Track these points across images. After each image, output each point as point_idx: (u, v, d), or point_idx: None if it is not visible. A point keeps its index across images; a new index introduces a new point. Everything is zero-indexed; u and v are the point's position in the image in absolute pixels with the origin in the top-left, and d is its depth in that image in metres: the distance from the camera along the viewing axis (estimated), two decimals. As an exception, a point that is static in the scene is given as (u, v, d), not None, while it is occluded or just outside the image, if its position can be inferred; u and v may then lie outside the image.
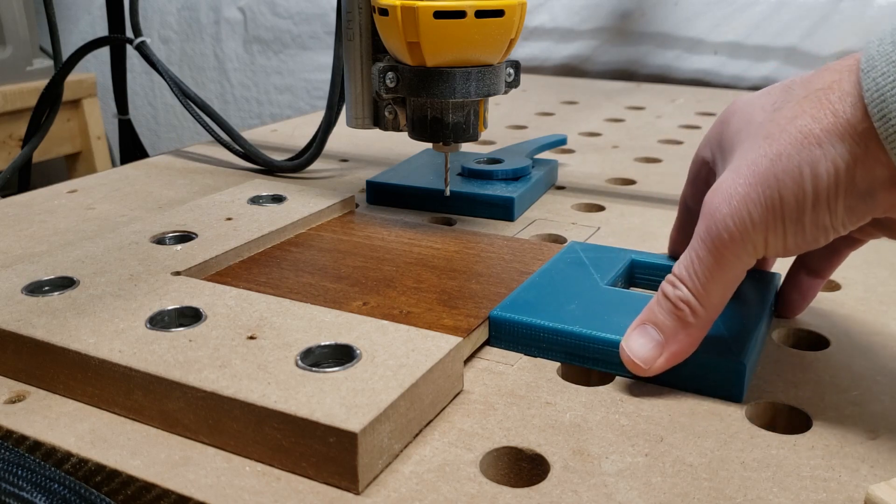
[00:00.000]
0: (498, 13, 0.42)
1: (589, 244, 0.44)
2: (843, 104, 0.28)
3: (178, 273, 0.38)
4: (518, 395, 0.32)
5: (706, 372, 0.32)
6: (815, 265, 0.38)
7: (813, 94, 0.29)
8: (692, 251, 0.31)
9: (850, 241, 0.36)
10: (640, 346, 0.32)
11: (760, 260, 0.40)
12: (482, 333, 0.36)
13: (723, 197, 0.30)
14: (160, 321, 0.33)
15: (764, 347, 0.36)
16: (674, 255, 0.42)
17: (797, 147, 0.28)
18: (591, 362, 0.34)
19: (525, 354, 0.36)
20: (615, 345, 0.33)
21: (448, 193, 0.51)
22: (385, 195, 0.55)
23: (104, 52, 0.85)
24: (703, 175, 0.38)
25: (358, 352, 0.30)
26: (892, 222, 0.33)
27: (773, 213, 0.29)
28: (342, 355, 0.31)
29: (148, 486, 0.27)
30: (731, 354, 0.32)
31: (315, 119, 0.65)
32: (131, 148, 0.91)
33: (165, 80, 0.67)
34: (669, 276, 0.32)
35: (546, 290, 0.38)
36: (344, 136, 0.72)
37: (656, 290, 0.33)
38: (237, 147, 0.66)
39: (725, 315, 0.35)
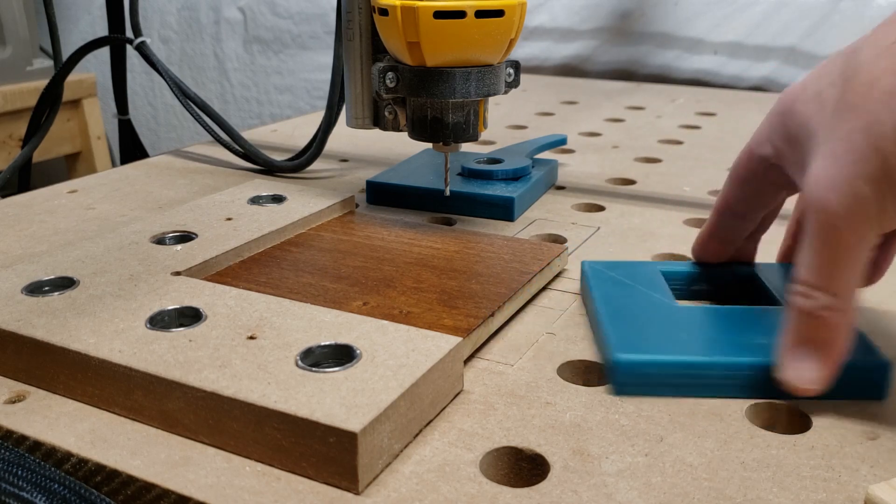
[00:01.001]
0: (498, 13, 0.42)
1: (604, 262, 0.41)
2: None
3: (178, 273, 0.38)
4: (518, 395, 0.32)
5: (851, 375, 0.31)
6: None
7: (884, 51, 0.28)
8: (813, 253, 0.29)
9: None
10: (804, 369, 0.30)
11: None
12: (482, 333, 0.36)
13: (828, 187, 0.28)
14: (160, 321, 0.33)
15: None
16: (699, 259, 0.41)
17: (888, 109, 0.27)
18: (728, 390, 0.32)
19: (653, 396, 0.32)
20: (763, 367, 0.31)
21: (448, 193, 0.51)
22: (385, 195, 0.55)
23: (104, 52, 0.85)
24: (760, 173, 0.36)
25: (358, 352, 0.30)
26: None
27: (888, 184, 0.27)
28: (342, 355, 0.31)
29: (148, 486, 0.27)
30: (871, 354, 0.31)
31: (315, 119, 0.65)
32: (131, 148, 0.91)
33: (165, 80, 0.67)
34: (799, 288, 0.30)
35: (632, 321, 0.35)
36: (344, 136, 0.72)
37: (687, 298, 0.32)
38: (237, 147, 0.66)
39: None
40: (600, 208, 0.56)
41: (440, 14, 0.41)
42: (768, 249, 0.41)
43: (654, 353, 0.32)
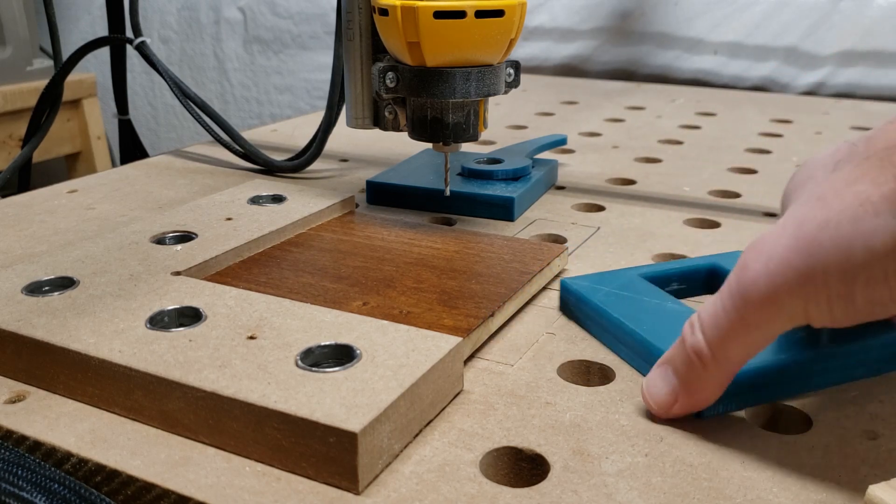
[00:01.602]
0: (498, 13, 0.42)
1: (586, 276, 0.40)
2: None
3: (178, 273, 0.38)
4: (518, 395, 0.32)
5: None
6: None
7: (875, 154, 0.26)
8: (719, 300, 0.28)
9: None
10: (658, 389, 0.30)
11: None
12: (482, 333, 0.36)
13: (760, 254, 0.27)
14: (160, 321, 0.33)
15: None
16: None
17: (850, 216, 0.25)
18: (795, 387, 0.32)
19: (732, 409, 0.31)
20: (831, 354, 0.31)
21: (448, 193, 0.51)
22: (385, 195, 0.55)
23: (104, 52, 0.85)
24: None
25: (358, 352, 0.30)
26: None
27: (814, 284, 0.25)
28: (342, 355, 0.31)
29: (148, 486, 0.27)
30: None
31: (315, 119, 0.65)
32: (131, 148, 0.91)
33: (165, 80, 0.67)
34: (692, 317, 0.29)
35: (670, 332, 0.33)
36: (344, 136, 0.72)
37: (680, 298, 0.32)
38: (237, 147, 0.66)
39: None
40: (600, 208, 0.56)
41: (440, 14, 0.41)
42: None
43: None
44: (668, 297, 0.37)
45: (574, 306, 0.39)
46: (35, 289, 0.36)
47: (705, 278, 0.41)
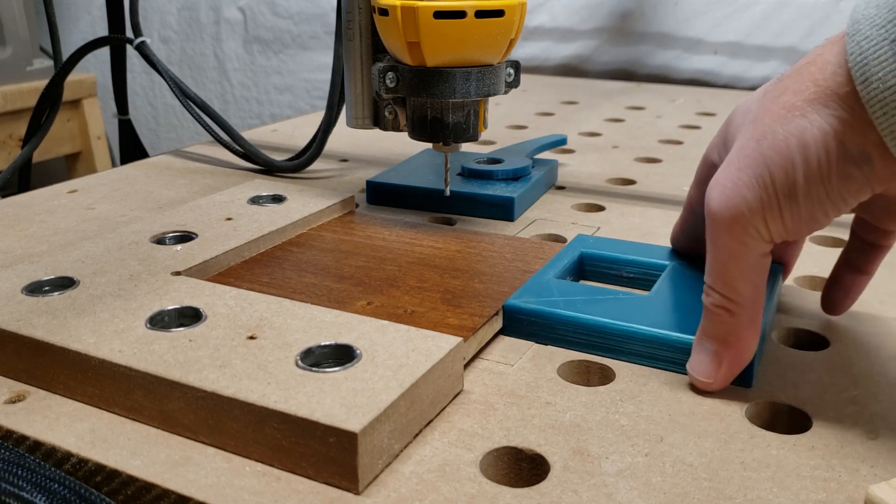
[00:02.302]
0: (498, 13, 0.42)
1: (519, 294, 0.38)
2: (824, 73, 0.27)
3: (178, 273, 0.38)
4: (518, 395, 0.32)
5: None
6: (856, 261, 0.37)
7: (795, 70, 0.29)
8: (708, 254, 0.31)
9: (886, 234, 0.36)
10: (701, 361, 0.32)
11: (784, 250, 0.39)
12: (487, 332, 0.36)
13: (717, 189, 0.30)
14: (160, 321, 0.33)
15: (768, 340, 0.36)
16: (674, 247, 0.42)
17: (781, 122, 0.28)
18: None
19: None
20: None
21: (448, 193, 0.51)
22: (385, 195, 0.55)
23: (104, 52, 0.85)
24: (709, 178, 0.37)
25: (358, 352, 0.30)
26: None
27: (766, 192, 0.28)
28: (342, 355, 0.31)
29: (148, 486, 0.27)
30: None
31: (315, 119, 0.65)
32: (131, 148, 0.91)
33: (165, 80, 0.67)
34: (705, 286, 0.32)
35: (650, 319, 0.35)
36: (344, 136, 0.72)
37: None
38: (237, 147, 0.66)
39: None
40: (600, 208, 0.56)
41: (440, 14, 0.41)
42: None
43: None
44: (615, 290, 0.39)
45: (525, 327, 0.37)
46: (35, 289, 0.36)
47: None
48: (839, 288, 0.38)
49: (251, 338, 0.32)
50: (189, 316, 0.34)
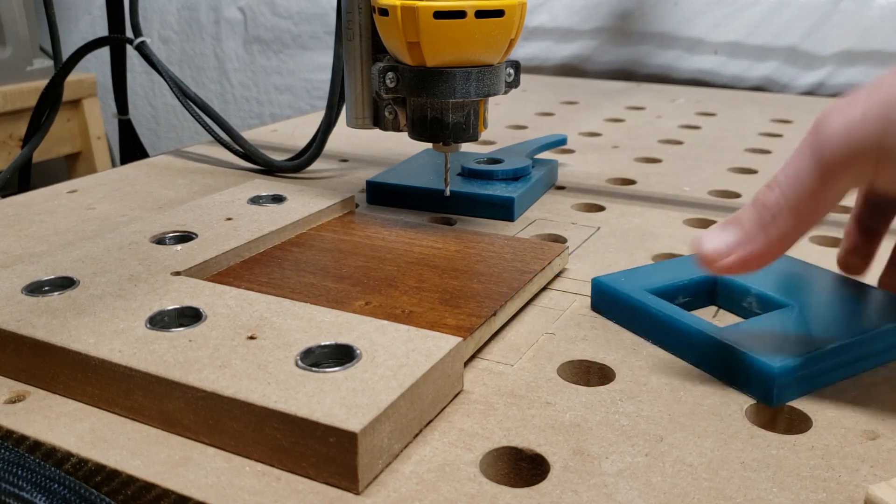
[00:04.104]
0: (498, 13, 0.42)
1: (613, 274, 0.40)
2: None
3: (178, 273, 0.38)
4: (518, 395, 0.32)
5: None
6: (868, 221, 0.37)
7: None
8: (797, 160, 0.29)
9: None
10: (716, 239, 0.31)
11: (872, 230, 0.38)
12: (485, 332, 0.36)
13: (837, 115, 0.28)
14: (160, 321, 0.33)
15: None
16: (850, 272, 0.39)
17: None
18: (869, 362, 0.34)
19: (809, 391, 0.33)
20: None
21: (448, 193, 0.51)
22: (385, 195, 0.55)
23: (104, 52, 0.85)
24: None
25: (358, 352, 0.30)
26: None
27: (888, 142, 0.27)
28: (342, 355, 0.31)
29: (148, 486, 0.27)
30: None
31: (315, 119, 0.65)
32: (131, 148, 0.91)
33: (165, 80, 0.67)
34: (769, 181, 0.30)
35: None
36: (344, 136, 0.72)
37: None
38: (237, 147, 0.66)
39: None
40: (600, 208, 0.56)
41: (440, 14, 0.41)
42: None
43: (797, 354, 0.32)
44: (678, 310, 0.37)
45: (603, 301, 0.39)
46: (35, 289, 0.36)
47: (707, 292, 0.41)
48: (853, 253, 0.37)
49: (251, 338, 0.32)
50: (189, 316, 0.34)
